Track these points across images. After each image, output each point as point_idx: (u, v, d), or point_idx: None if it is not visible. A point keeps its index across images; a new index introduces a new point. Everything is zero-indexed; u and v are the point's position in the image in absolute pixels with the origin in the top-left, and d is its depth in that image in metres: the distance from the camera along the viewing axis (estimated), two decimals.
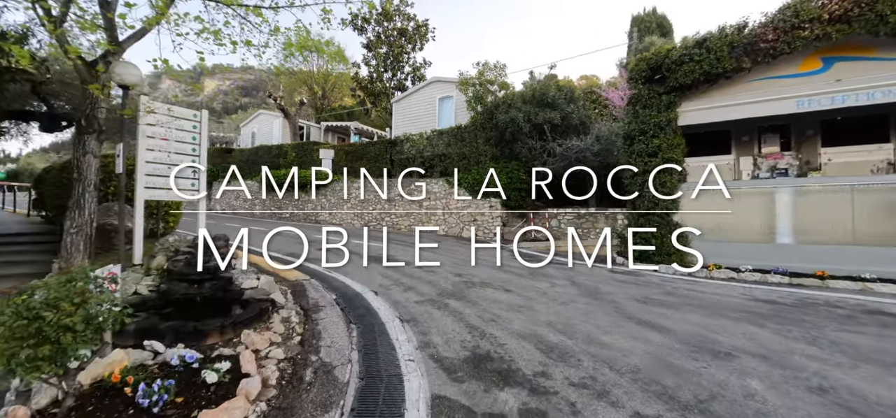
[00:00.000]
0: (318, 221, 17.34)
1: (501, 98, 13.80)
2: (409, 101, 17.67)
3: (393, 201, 15.32)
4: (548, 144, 12.47)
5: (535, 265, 8.18)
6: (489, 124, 13.74)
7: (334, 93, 37.09)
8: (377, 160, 16.76)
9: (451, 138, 14.84)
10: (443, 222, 14.16)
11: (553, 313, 5.04)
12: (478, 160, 13.90)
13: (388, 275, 6.98)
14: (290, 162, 19.87)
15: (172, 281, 5.06)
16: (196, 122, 7.09)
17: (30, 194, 14.60)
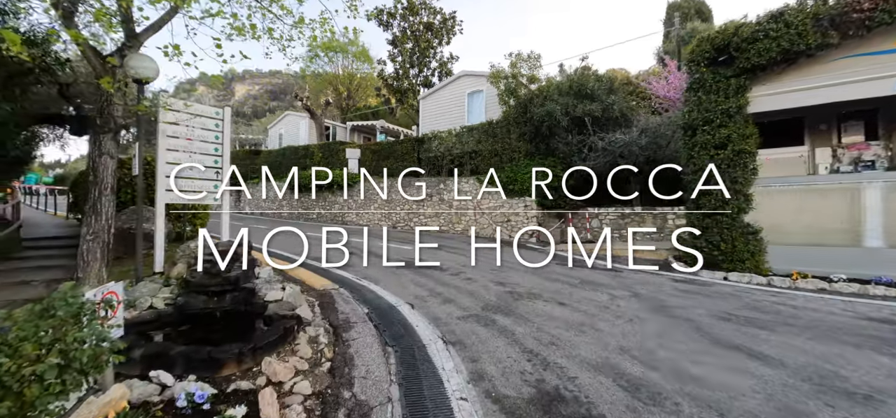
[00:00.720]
0: (345, 222, 17.00)
1: (536, 90, 12.95)
2: (437, 97, 17.05)
3: (421, 201, 14.74)
4: (588, 138, 11.54)
5: (583, 271, 7.35)
6: (523, 118, 12.92)
7: (359, 93, 37.01)
8: (404, 159, 16.23)
9: (481, 134, 14.11)
10: (474, 223, 13.45)
11: (621, 334, 4.25)
12: (511, 157, 13.11)
13: (422, 283, 6.34)
14: (316, 162, 19.68)
15: (190, 293, 4.57)
16: (218, 120, 6.67)
17: (68, 197, 14.92)
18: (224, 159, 6.68)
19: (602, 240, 11.48)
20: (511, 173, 12.59)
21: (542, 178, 12.11)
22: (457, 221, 13.81)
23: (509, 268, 7.58)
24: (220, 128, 6.66)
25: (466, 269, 7.47)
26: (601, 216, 11.87)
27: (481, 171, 13.87)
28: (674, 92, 13.11)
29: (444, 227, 14.07)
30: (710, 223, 7.20)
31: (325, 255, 8.17)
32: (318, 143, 19.95)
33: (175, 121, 6.13)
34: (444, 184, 14.20)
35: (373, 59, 34.76)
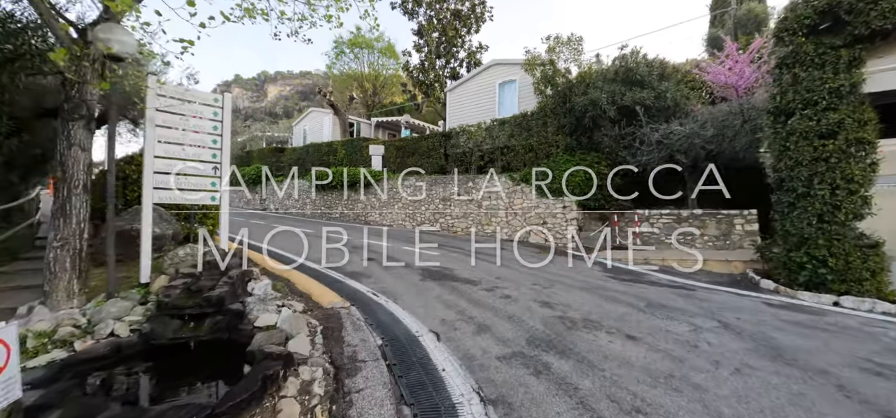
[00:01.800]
0: (367, 222, 16.18)
1: (577, 78, 11.57)
2: (465, 89, 15.90)
3: (448, 201, 13.66)
4: (638, 131, 10.09)
5: (644, 288, 6.03)
6: (562, 109, 11.58)
7: (385, 90, 36.39)
8: (430, 155, 15.20)
9: (514, 128, 12.86)
10: (505, 225, 12.24)
11: (734, 395, 2.99)
12: (548, 152, 11.80)
13: (450, 301, 5.23)
14: (339, 159, 19.01)
15: (161, 317, 3.67)
16: (217, 108, 5.81)
17: None
18: (224, 153, 5.82)
19: (655, 245, 10.03)
20: (548, 170, 11.30)
21: (583, 176, 10.76)
22: (486, 222, 12.64)
23: (552, 281, 6.36)
24: (219, 118, 5.81)
25: (502, 282, 6.31)
26: (652, 219, 10.39)
27: (514, 168, 12.64)
28: (737, 77, 11.42)
29: (473, 228, 12.93)
30: (813, 232, 5.70)
31: (341, 260, 7.24)
32: (342, 140, 19.26)
33: (165, 109, 5.31)
34: (472, 181, 13.07)
35: (398, 54, 34.02)
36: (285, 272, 6.64)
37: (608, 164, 10.84)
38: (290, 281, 6.12)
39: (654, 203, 11.24)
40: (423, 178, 14.53)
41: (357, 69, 34.08)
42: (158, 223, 7.61)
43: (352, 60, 34.03)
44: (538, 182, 11.49)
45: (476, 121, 14.45)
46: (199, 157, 5.62)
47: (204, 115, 5.68)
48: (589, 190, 10.84)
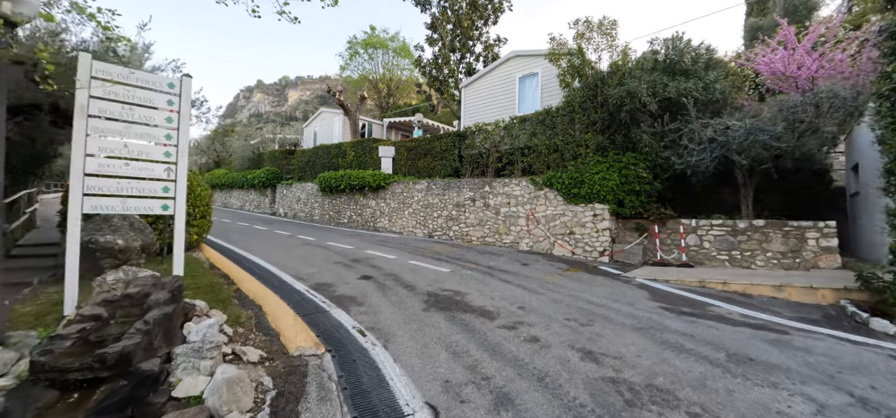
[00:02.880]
0: (376, 228, 15.05)
1: (609, 68, 10.12)
2: (482, 84, 14.61)
3: (462, 207, 12.38)
4: (685, 127, 8.57)
5: (714, 327, 4.60)
6: (592, 103, 10.15)
7: (400, 91, 35.49)
8: (443, 157, 13.96)
9: (536, 125, 11.48)
10: (526, 234, 10.87)
11: None
12: (575, 153, 10.38)
13: (458, 347, 3.94)
14: (349, 162, 17.99)
15: (32, 385, 2.51)
16: (172, 96, 4.70)
17: None
18: (180, 151, 4.70)
19: (706, 263, 8.48)
20: (576, 173, 9.88)
21: (617, 179, 9.30)
22: (504, 231, 11.30)
23: (591, 314, 4.99)
24: (174, 107, 4.70)
25: (526, 314, 4.98)
26: (700, 230, 8.84)
27: (536, 171, 11.26)
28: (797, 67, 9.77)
29: (490, 238, 11.61)
30: None
31: (336, 277, 6.03)
32: (351, 141, 18.24)
33: (103, 96, 4.23)
34: (489, 186, 11.75)
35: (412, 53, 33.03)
36: (262, 295, 5.49)
37: (647, 166, 9.36)
38: (262, 309, 4.95)
39: (699, 211, 9.68)
40: (435, 182, 13.30)
41: (371, 69, 33.27)
42: (123, 232, 6.62)
43: (366, 61, 33.25)
44: (565, 186, 10.08)
45: (493, 119, 13.13)
46: (147, 156, 4.51)
47: (155, 104, 4.57)
48: (624, 195, 9.38)
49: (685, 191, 10.12)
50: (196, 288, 5.61)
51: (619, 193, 9.39)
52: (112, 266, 6.48)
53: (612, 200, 9.43)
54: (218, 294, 5.41)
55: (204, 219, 8.76)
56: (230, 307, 4.85)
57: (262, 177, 23.47)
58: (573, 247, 9.98)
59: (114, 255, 6.30)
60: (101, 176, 4.22)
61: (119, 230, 6.55)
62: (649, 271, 8.13)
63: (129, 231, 6.64)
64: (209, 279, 6.15)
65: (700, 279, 7.06)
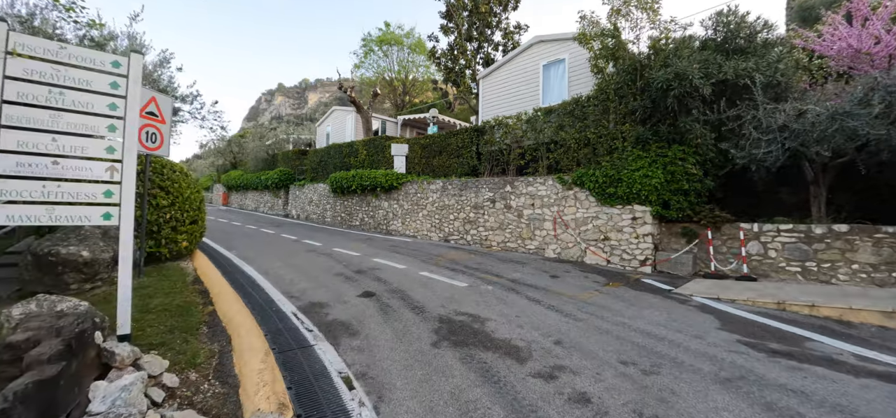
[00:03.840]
0: (389, 232, 14.10)
1: (650, 49, 8.80)
2: (502, 74, 13.41)
3: (480, 208, 11.25)
4: (747, 114, 7.21)
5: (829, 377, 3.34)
6: (630, 89, 8.86)
7: (415, 89, 34.59)
8: (460, 154, 12.85)
9: (563, 117, 10.24)
10: (553, 240, 9.65)
11: None
12: (610, 147, 9.10)
13: (478, 404, 2.84)
14: (361, 161, 17.12)
15: None
16: (117, 77, 3.76)
17: None
18: (127, 147, 3.76)
19: (772, 275, 7.11)
20: (611, 170, 8.61)
21: (662, 177, 8.00)
22: (528, 236, 10.11)
23: (653, 355, 3.79)
24: (120, 92, 3.76)
25: (565, 352, 3.84)
26: (765, 236, 7.45)
27: (564, 168, 10.02)
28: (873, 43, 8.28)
29: (512, 243, 10.44)
30: None
31: (334, 295, 4.99)
32: (364, 140, 17.35)
33: (25, 77, 3.33)
34: (510, 185, 10.58)
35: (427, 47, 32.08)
36: (238, 321, 4.52)
37: (697, 161, 8.01)
38: (231, 342, 3.97)
39: (755, 213, 8.25)
40: (451, 182, 12.21)
41: (386, 67, 32.46)
42: (91, 242, 5.78)
43: (381, 58, 32.45)
44: (598, 186, 8.83)
45: (515, 112, 11.94)
46: (83, 152, 3.58)
47: (95, 87, 3.64)
48: (669, 195, 8.07)
49: (738, 190, 8.71)
50: (163, 310, 4.70)
51: (663, 193, 8.08)
52: (79, 281, 5.68)
53: (656, 201, 8.13)
54: (186, 319, 4.48)
55: (195, 225, 7.93)
56: (192, 341, 3.88)
57: (275, 178, 22.92)
58: (608, 255, 8.72)
59: (78, 269, 5.47)
60: (18, 177, 3.31)
61: (87, 240, 5.73)
62: (705, 286, 6.82)
63: (98, 240, 5.81)
64: (184, 297, 5.24)
65: (777, 300, 5.72)
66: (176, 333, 4.06)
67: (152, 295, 5.30)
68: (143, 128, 6.00)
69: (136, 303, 4.97)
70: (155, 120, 6.18)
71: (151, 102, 6.11)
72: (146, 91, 6.11)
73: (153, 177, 7.15)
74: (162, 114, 6.29)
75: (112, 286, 5.76)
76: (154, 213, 6.95)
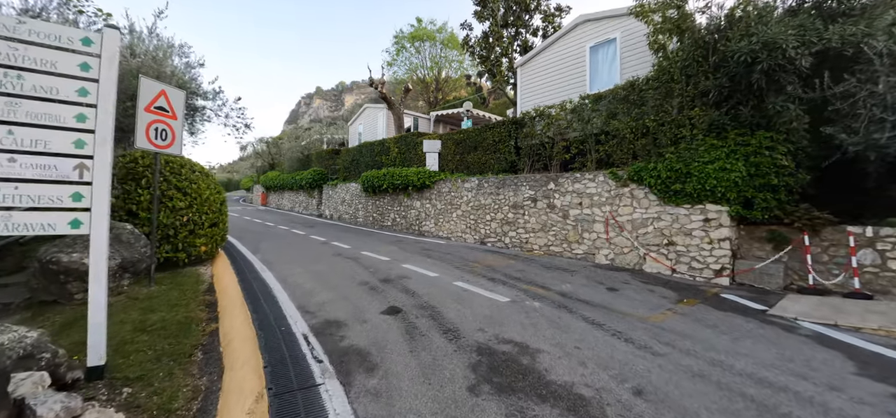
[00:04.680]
0: (421, 233, 13.36)
1: (724, 19, 7.40)
2: (543, 61, 12.25)
3: (520, 208, 10.21)
4: (862, 90, 5.74)
5: None
6: (701, 67, 7.51)
7: (448, 85, 33.81)
8: (497, 150, 11.85)
9: (616, 104, 9.00)
10: (605, 244, 8.47)
11: None
12: (675, 136, 7.79)
13: None
14: (392, 159, 16.51)
15: None
16: (88, 57, 3.13)
17: None
18: (101, 140, 3.13)
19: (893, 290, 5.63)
20: (678, 163, 7.32)
21: (743, 170, 6.65)
22: (575, 239, 8.97)
23: (772, 413, 2.68)
24: (91, 73, 3.13)
25: (652, 407, 2.82)
26: (883, 242, 5.94)
27: (617, 162, 8.79)
28: None
29: (556, 247, 9.34)
30: None
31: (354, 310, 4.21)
32: (395, 137, 16.73)
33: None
34: (554, 182, 9.47)
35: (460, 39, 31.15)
36: (236, 348, 3.82)
37: (788, 149, 6.58)
38: (224, 374, 3.26)
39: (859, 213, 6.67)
40: (487, 179, 11.25)
41: (418, 64, 31.88)
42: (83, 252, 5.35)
43: (413, 55, 31.92)
44: (661, 182, 7.56)
45: (558, 100, 10.78)
46: (45, 147, 2.98)
47: (61, 69, 3.03)
48: (752, 192, 6.70)
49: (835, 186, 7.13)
50: (160, 328, 4.10)
51: (745, 189, 6.72)
52: (82, 290, 5.27)
53: (735, 199, 6.78)
54: (182, 341, 3.84)
55: (215, 228, 7.48)
56: (177, 373, 3.21)
57: (309, 178, 22.87)
58: (673, 263, 7.44)
59: (81, 278, 5.05)
60: None
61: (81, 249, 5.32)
62: (809, 306, 5.46)
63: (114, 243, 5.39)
64: (188, 312, 4.66)
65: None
66: (163, 361, 3.41)
67: (155, 308, 4.75)
68: (151, 125, 5.51)
69: (135, 318, 4.43)
70: (165, 115, 5.68)
71: (161, 96, 5.61)
72: (156, 84, 5.62)
73: (170, 178, 6.72)
74: (173, 109, 5.78)
75: (119, 296, 5.32)
76: (170, 216, 6.51)
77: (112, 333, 3.93)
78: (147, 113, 5.42)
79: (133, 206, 6.25)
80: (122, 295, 5.30)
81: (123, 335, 3.91)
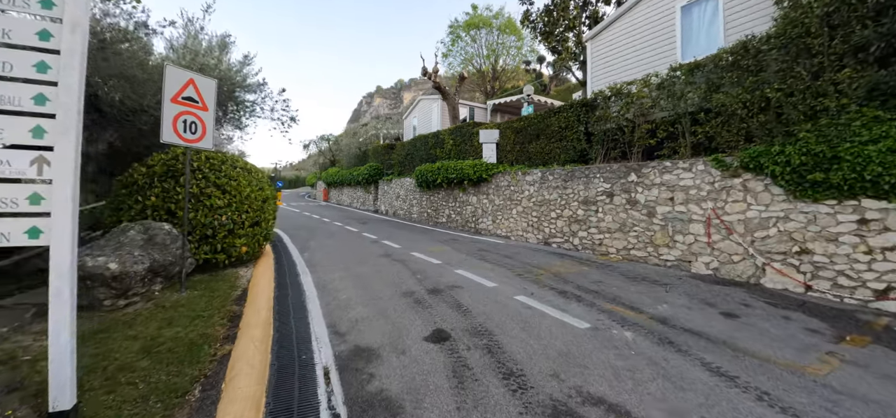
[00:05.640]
0: (477, 230, 12.32)
1: None
2: (618, 30, 10.50)
3: (592, 204, 8.73)
4: None
5: None
6: (856, 12, 5.54)
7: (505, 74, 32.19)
8: (563, 137, 10.40)
9: (720, 74, 7.17)
10: (706, 249, 6.77)
11: None
12: (810, 108, 5.88)
13: None
14: (447, 152, 15.63)
15: None
16: (48, 22, 2.50)
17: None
18: (67, 127, 2.47)
19: None
20: (817, 145, 5.47)
21: None
22: (664, 241, 7.34)
23: None
24: (51, 44, 2.48)
25: None
26: None
27: (722, 145, 7.00)
28: None
29: (638, 251, 7.78)
30: None
31: (389, 329, 3.32)
32: (450, 128, 15.81)
33: None
34: (635, 173, 7.88)
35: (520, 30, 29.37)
36: (241, 386, 3.07)
37: None
38: None
39: None
40: (552, 171, 9.87)
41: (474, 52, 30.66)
42: (124, 251, 5.01)
43: (468, 44, 30.75)
44: (789, 169, 5.74)
45: (639, 75, 9.07)
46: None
47: (12, 38, 2.41)
48: None
49: None
50: (167, 351, 3.50)
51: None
52: (111, 297, 4.95)
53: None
54: (184, 370, 3.19)
55: (257, 227, 7.05)
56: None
57: (365, 173, 22.82)
58: (808, 278, 5.61)
59: (107, 284, 4.70)
60: None
61: (122, 248, 4.97)
62: None
63: (133, 249, 5.03)
64: (206, 328, 4.06)
65: None
66: (151, 401, 2.74)
67: (175, 320, 4.22)
68: (179, 117, 5.04)
69: (148, 334, 3.90)
70: (194, 106, 5.20)
71: (189, 85, 5.13)
72: (183, 72, 5.15)
73: (208, 175, 6.34)
74: (203, 99, 5.29)
75: (150, 302, 4.94)
76: (208, 215, 6.12)
77: (116, 354, 3.39)
78: (174, 104, 4.96)
79: (172, 205, 5.93)
80: (152, 302, 4.90)
81: (126, 358, 3.34)
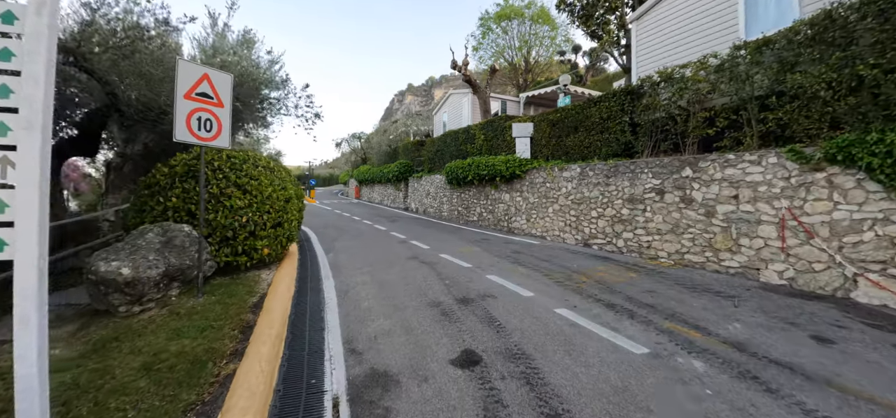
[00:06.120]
0: (510, 229, 11.70)
1: None
2: (667, 8, 9.47)
3: (639, 202, 7.88)
4: None
5: None
6: None
7: (538, 67, 31.01)
8: (604, 129, 9.53)
9: (797, 50, 6.14)
10: (779, 254, 5.83)
11: None
12: None
13: None
14: (478, 147, 15.03)
15: None
16: (8, 4, 2.16)
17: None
18: (26, 126, 2.13)
19: None
20: None
21: None
22: (726, 245, 6.42)
23: None
24: (12, 28, 2.14)
25: None
26: None
27: (799, 135, 6.00)
28: None
29: (694, 255, 6.89)
30: None
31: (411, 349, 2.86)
32: (480, 123, 15.18)
33: None
34: (691, 167, 6.97)
35: (553, 19, 28.16)
36: (245, 407, 2.68)
37: None
38: None
39: None
40: (592, 166, 9.07)
41: (506, 44, 29.71)
42: (138, 255, 4.81)
43: (499, 36, 29.83)
44: (892, 160, 4.74)
45: (693, 57, 8.09)
46: None
47: None
48: None
49: None
50: (168, 369, 3.19)
51: None
52: (125, 302, 4.77)
53: None
54: (176, 398, 2.84)
55: (279, 228, 6.78)
56: None
57: (396, 171, 22.61)
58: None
59: (120, 289, 4.51)
60: None
61: (136, 252, 4.78)
62: None
63: (148, 253, 4.82)
64: (214, 341, 3.74)
65: None
66: None
67: (185, 330, 3.94)
68: (193, 114, 4.78)
69: (154, 346, 3.61)
70: (209, 103, 4.93)
71: (203, 80, 4.86)
72: (196, 67, 4.88)
73: (229, 174, 6.12)
74: (218, 96, 5.02)
75: (165, 308, 4.72)
76: (229, 216, 5.89)
77: (115, 371, 3.11)
78: (187, 100, 4.70)
79: (192, 206, 5.74)
80: (167, 308, 4.68)
81: (123, 377, 3.05)
